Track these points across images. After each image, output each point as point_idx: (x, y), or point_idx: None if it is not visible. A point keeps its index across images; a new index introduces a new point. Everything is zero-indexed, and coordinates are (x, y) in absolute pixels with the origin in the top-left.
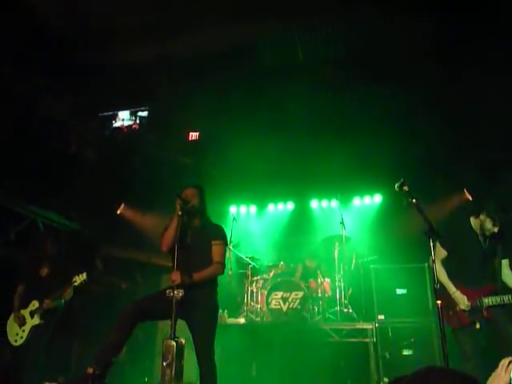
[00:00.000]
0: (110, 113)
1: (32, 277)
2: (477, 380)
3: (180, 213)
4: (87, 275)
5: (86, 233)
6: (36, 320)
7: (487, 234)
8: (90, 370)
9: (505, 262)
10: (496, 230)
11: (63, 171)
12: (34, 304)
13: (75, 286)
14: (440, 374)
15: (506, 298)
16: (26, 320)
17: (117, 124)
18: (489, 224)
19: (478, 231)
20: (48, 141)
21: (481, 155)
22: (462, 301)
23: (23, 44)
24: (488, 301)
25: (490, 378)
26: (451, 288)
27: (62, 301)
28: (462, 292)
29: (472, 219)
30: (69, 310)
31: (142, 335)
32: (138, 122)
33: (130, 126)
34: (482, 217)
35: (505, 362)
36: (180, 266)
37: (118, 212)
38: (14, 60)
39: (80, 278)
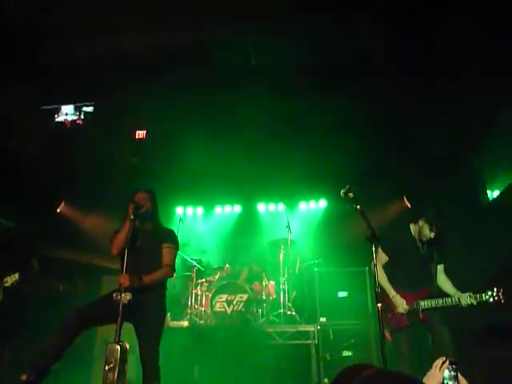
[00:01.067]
0: (53, 106)
1: None
2: (419, 381)
3: (132, 217)
4: (19, 276)
5: (21, 231)
6: None
7: (425, 239)
8: (24, 377)
9: (440, 268)
10: (433, 235)
11: (1, 167)
12: None
13: (6, 286)
14: (385, 377)
15: (440, 302)
16: None
17: (60, 118)
18: (426, 230)
19: (417, 237)
20: None
21: (421, 164)
22: (401, 305)
23: None
24: (424, 304)
25: (425, 378)
26: (391, 292)
27: None
28: (401, 295)
29: (411, 225)
30: (1, 312)
31: (80, 339)
32: (82, 117)
33: (74, 121)
34: (420, 223)
35: (438, 362)
36: (129, 269)
37: (58, 210)
38: None
39: (12, 279)
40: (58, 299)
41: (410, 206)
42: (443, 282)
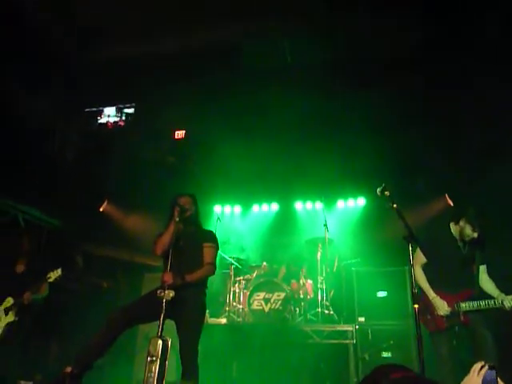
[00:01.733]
0: (96, 109)
1: (7, 273)
2: None
3: (178, 219)
4: (62, 271)
5: (67, 230)
6: (11, 317)
7: (466, 239)
8: (68, 369)
9: (482, 268)
10: (475, 235)
11: (47, 168)
12: (9, 301)
13: (50, 282)
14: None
15: (482, 304)
16: (1, 317)
17: (102, 120)
18: (468, 230)
19: (458, 237)
20: (32, 137)
21: (463, 161)
22: (442, 307)
23: (9, 41)
24: (465, 305)
25: (462, 382)
26: (431, 293)
27: (40, 296)
28: (441, 297)
29: (452, 225)
30: (48, 309)
31: (122, 335)
32: (123, 118)
33: (116, 122)
34: (461, 223)
35: (477, 366)
36: (172, 268)
37: (101, 209)
38: None
39: (55, 274)
40: (102, 295)
41: (451, 204)
42: (486, 283)
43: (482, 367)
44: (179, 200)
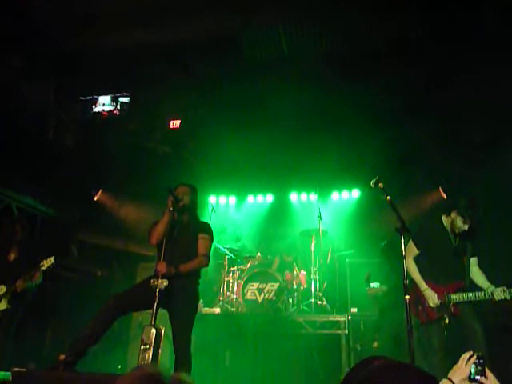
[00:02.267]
0: (91, 97)
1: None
2: (434, 378)
3: (171, 209)
4: (55, 259)
5: (61, 218)
6: (3, 305)
7: (457, 231)
8: (62, 357)
9: (473, 260)
10: (466, 227)
11: (40, 156)
12: (2, 289)
13: (43, 270)
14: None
15: (472, 295)
16: None
17: (97, 109)
18: (459, 222)
19: (449, 229)
20: (26, 125)
21: (458, 154)
22: (432, 298)
23: (4, 28)
24: (455, 297)
25: (451, 371)
26: (422, 285)
27: (33, 284)
28: (432, 288)
29: (443, 217)
30: (42, 297)
31: (117, 323)
32: (118, 107)
33: (111, 111)
34: (452, 215)
35: (465, 356)
36: (166, 258)
37: (96, 198)
38: None
39: (48, 262)
40: (96, 284)
41: (445, 196)
42: (476, 275)
43: (470, 357)
44: (175, 190)
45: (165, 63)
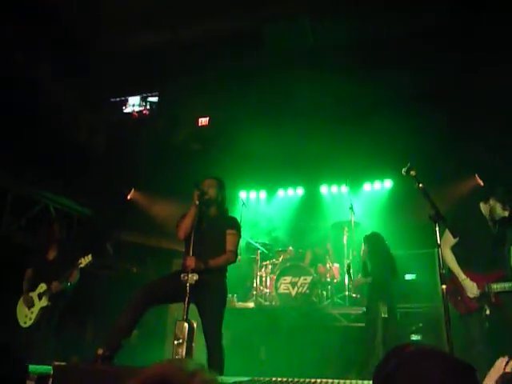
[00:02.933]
0: (121, 98)
1: (40, 260)
2: (471, 366)
3: (197, 202)
4: (92, 257)
5: (97, 218)
6: (44, 302)
7: (497, 218)
8: (100, 351)
9: None
10: (506, 214)
11: (75, 157)
12: (42, 287)
13: (81, 267)
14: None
15: None
16: (35, 302)
17: (127, 110)
18: (499, 209)
19: (488, 216)
20: (60, 127)
21: (494, 141)
22: (471, 289)
23: (34, 31)
24: (497, 286)
25: (487, 376)
26: (461, 275)
27: (69, 284)
28: (471, 277)
29: (482, 204)
30: (82, 294)
31: (153, 319)
32: (148, 107)
33: (141, 111)
34: (491, 202)
35: (502, 362)
36: (194, 252)
37: (129, 197)
38: (24, 47)
39: (85, 260)
40: (132, 280)
41: (482, 184)
42: None
43: (506, 363)
44: (201, 183)
45: (191, 61)
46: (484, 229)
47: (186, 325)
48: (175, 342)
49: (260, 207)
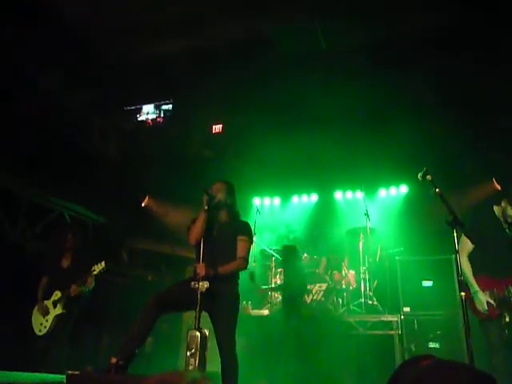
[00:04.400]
0: (136, 107)
1: (54, 268)
2: (492, 377)
3: (206, 207)
4: (106, 264)
5: (111, 225)
6: (59, 310)
7: (510, 220)
8: (114, 360)
9: None
10: None
11: (90, 165)
12: (57, 294)
13: (95, 274)
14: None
15: None
16: (49, 310)
17: (141, 118)
18: (510, 210)
19: (502, 219)
20: (74, 136)
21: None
22: (481, 303)
23: (48, 41)
24: None
25: None
26: (474, 286)
27: (87, 289)
28: (490, 282)
29: (495, 207)
30: (97, 302)
31: (168, 327)
32: (162, 115)
33: (155, 119)
34: (503, 204)
35: None
36: (205, 259)
37: (143, 205)
38: (39, 57)
39: (99, 267)
40: (147, 288)
41: (499, 188)
42: None
43: None
44: (210, 187)
45: (204, 69)
46: (499, 232)
47: (197, 334)
48: (188, 353)
49: (274, 214)
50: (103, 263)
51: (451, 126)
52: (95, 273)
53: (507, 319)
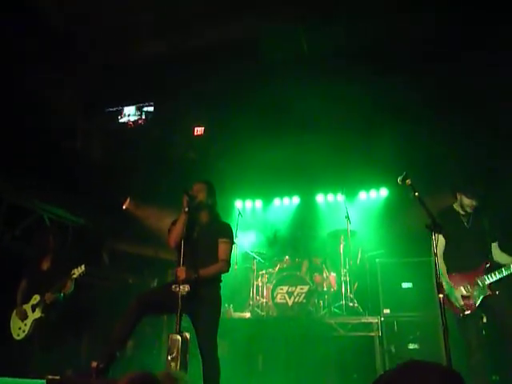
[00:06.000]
0: (117, 108)
1: (33, 271)
2: (458, 374)
3: (186, 209)
4: (85, 267)
5: (92, 228)
6: (37, 314)
7: (468, 210)
8: (94, 364)
9: (494, 245)
10: (475, 202)
11: (70, 167)
12: (36, 298)
13: (75, 278)
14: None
15: (504, 271)
16: (28, 314)
17: (123, 119)
18: (465, 199)
19: (461, 212)
20: (55, 137)
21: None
22: (457, 301)
23: (32, 42)
24: (488, 278)
25: None
26: (448, 284)
27: (61, 295)
28: (462, 277)
29: (454, 204)
30: (77, 305)
31: (150, 330)
32: (143, 117)
33: (136, 121)
34: (458, 196)
35: None
36: (186, 262)
37: (124, 207)
38: (22, 58)
39: (78, 271)
40: (129, 291)
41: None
42: (499, 256)
43: None
44: (190, 188)
45: (186, 71)
46: (460, 227)
47: (179, 337)
48: (168, 357)
49: (256, 216)
50: (83, 267)
51: (432, 129)
52: (75, 276)
53: (484, 320)
